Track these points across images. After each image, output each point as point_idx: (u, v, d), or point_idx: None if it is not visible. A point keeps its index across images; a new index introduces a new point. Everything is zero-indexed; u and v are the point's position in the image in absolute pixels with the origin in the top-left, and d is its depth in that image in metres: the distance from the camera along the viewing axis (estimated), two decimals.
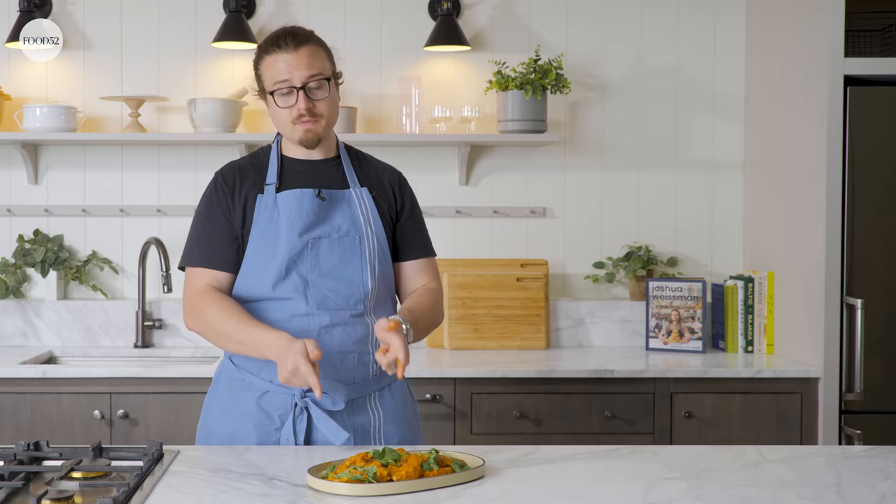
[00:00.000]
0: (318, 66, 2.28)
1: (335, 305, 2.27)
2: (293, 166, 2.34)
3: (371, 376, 2.31)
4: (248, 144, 3.83)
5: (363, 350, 2.29)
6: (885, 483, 1.94)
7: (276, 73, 2.27)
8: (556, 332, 3.94)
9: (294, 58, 2.25)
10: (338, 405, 2.24)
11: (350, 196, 2.33)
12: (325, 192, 2.31)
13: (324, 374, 2.24)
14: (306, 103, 2.26)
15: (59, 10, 3.91)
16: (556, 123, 3.99)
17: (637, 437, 3.39)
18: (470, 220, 4.01)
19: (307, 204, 2.28)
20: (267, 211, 2.28)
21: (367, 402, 2.31)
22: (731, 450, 2.21)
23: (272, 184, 2.30)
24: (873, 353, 3.34)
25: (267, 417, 2.26)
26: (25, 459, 2.01)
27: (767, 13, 3.82)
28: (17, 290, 3.85)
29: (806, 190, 3.47)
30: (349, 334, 2.27)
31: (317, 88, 2.28)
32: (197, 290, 2.30)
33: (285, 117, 2.28)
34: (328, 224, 2.29)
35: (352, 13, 3.94)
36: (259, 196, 2.29)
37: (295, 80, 2.25)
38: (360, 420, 2.29)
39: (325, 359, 2.24)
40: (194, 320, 2.29)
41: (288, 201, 2.28)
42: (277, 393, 2.27)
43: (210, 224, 2.31)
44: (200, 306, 2.27)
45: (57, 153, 3.94)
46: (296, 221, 2.27)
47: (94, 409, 3.32)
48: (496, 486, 1.90)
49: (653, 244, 4.03)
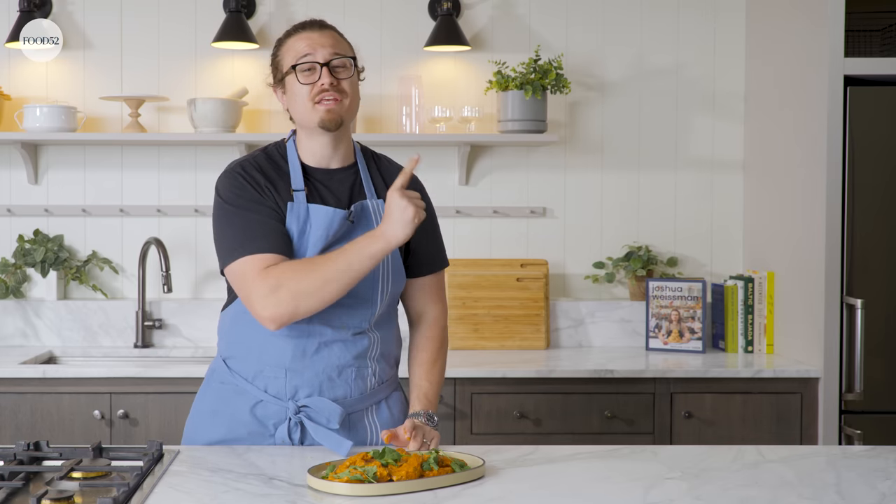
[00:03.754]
0: (342, 46, 2.19)
1: (339, 323, 2.20)
2: (313, 175, 2.22)
3: (368, 390, 2.26)
4: (248, 144, 3.83)
5: (362, 364, 2.24)
6: (885, 483, 1.94)
7: (299, 51, 2.16)
8: (555, 332, 3.94)
9: (318, 36, 2.17)
10: (332, 424, 2.19)
11: (368, 210, 2.22)
12: (355, 207, 2.20)
13: (319, 388, 2.20)
14: (330, 78, 2.14)
15: (59, 10, 3.91)
16: (556, 123, 3.99)
17: (637, 437, 3.39)
18: (470, 220, 4.01)
19: (336, 225, 2.16)
20: (300, 222, 2.16)
21: (363, 416, 2.26)
22: (731, 450, 2.21)
23: (301, 191, 2.17)
24: (873, 353, 3.34)
25: (261, 425, 2.22)
26: (25, 459, 2.01)
27: (767, 13, 3.82)
28: (17, 290, 3.85)
29: (806, 190, 3.47)
30: (349, 349, 2.21)
31: (340, 67, 2.17)
32: (259, 269, 2.08)
33: (306, 95, 2.15)
34: (347, 240, 2.16)
35: (352, 13, 3.94)
36: (290, 203, 2.16)
37: (318, 56, 2.15)
38: (357, 436, 2.25)
39: (322, 372, 2.20)
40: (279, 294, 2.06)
41: (319, 216, 2.16)
42: (271, 403, 2.21)
43: (256, 215, 2.12)
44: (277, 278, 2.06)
45: (57, 153, 3.94)
46: (320, 241, 2.15)
47: (94, 409, 3.32)
48: (496, 486, 1.90)
49: (653, 244, 4.04)
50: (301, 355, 2.19)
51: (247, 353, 2.23)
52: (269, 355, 2.20)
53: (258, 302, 2.08)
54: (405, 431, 2.10)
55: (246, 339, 2.23)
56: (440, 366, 2.34)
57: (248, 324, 2.21)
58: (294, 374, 2.20)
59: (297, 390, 2.20)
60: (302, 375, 2.20)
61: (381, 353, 2.28)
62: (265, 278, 2.07)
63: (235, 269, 2.12)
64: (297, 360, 2.19)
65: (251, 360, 2.23)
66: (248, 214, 2.13)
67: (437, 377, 2.32)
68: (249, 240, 2.10)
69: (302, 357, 2.19)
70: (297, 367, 2.19)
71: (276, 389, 2.21)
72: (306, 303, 2.08)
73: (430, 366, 2.32)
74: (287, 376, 2.20)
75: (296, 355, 2.19)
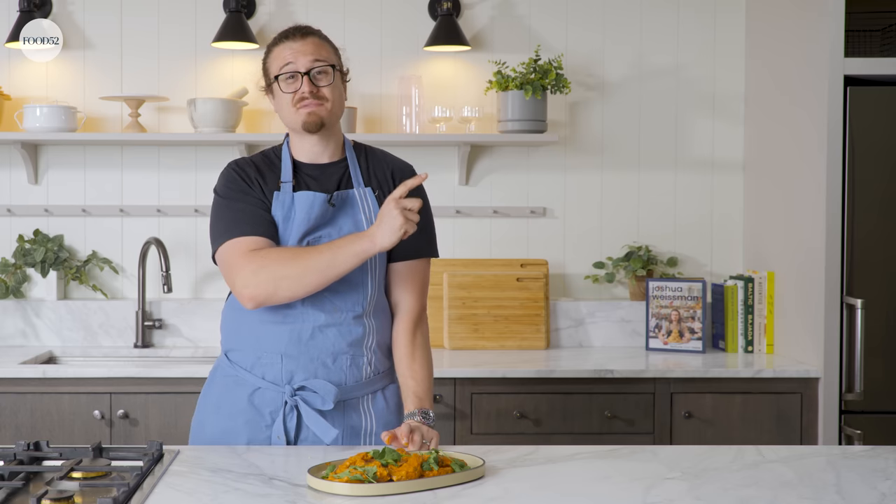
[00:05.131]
0: (322, 54, 2.32)
1: (332, 306, 2.28)
2: (303, 170, 2.35)
3: (364, 379, 2.32)
4: (248, 144, 3.83)
5: (357, 352, 2.30)
6: (885, 483, 1.94)
7: (282, 60, 2.31)
8: (556, 332, 3.94)
9: (300, 45, 2.31)
10: (327, 405, 2.25)
11: (354, 198, 2.33)
12: (336, 195, 2.31)
13: (314, 374, 2.27)
14: (310, 87, 2.28)
15: (59, 10, 3.91)
16: (556, 123, 3.99)
17: (637, 437, 3.39)
18: (470, 220, 4.01)
19: (317, 209, 2.28)
20: (284, 209, 2.29)
21: (359, 403, 2.32)
22: (731, 450, 2.21)
23: (288, 182, 2.31)
24: (873, 353, 3.34)
25: (258, 414, 2.28)
26: (25, 459, 2.01)
27: (767, 13, 3.82)
28: (17, 290, 3.85)
29: (806, 190, 3.47)
30: (344, 336, 2.28)
31: (321, 74, 2.30)
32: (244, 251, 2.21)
33: (289, 101, 2.30)
34: (331, 226, 2.30)
35: (352, 13, 3.94)
36: (276, 193, 2.30)
37: (299, 65, 2.29)
38: (351, 421, 2.30)
39: (317, 358, 2.27)
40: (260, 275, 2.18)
41: (301, 202, 2.29)
42: (268, 390, 2.28)
43: (244, 204, 2.28)
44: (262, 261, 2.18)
45: (57, 153, 3.94)
46: (302, 224, 2.28)
47: (94, 409, 3.32)
48: (496, 486, 1.90)
49: (653, 244, 4.03)
50: (297, 341, 2.27)
51: (245, 341, 2.32)
52: (266, 341, 2.29)
53: (240, 280, 2.21)
54: (402, 437, 2.12)
55: (244, 326, 2.32)
56: (420, 360, 2.35)
57: (246, 311, 2.30)
58: (290, 359, 2.28)
59: (292, 375, 2.28)
60: (297, 360, 2.27)
61: (377, 343, 2.34)
62: (250, 260, 2.20)
63: (223, 251, 2.26)
64: (293, 345, 2.27)
65: (249, 349, 2.31)
66: (236, 204, 2.28)
67: (421, 373, 2.33)
68: (236, 225, 2.25)
69: (297, 342, 2.27)
70: (292, 352, 2.27)
71: (273, 375, 2.29)
72: (286, 287, 2.19)
73: (410, 361, 2.35)
74: (283, 361, 2.28)
75: (291, 340, 2.27)
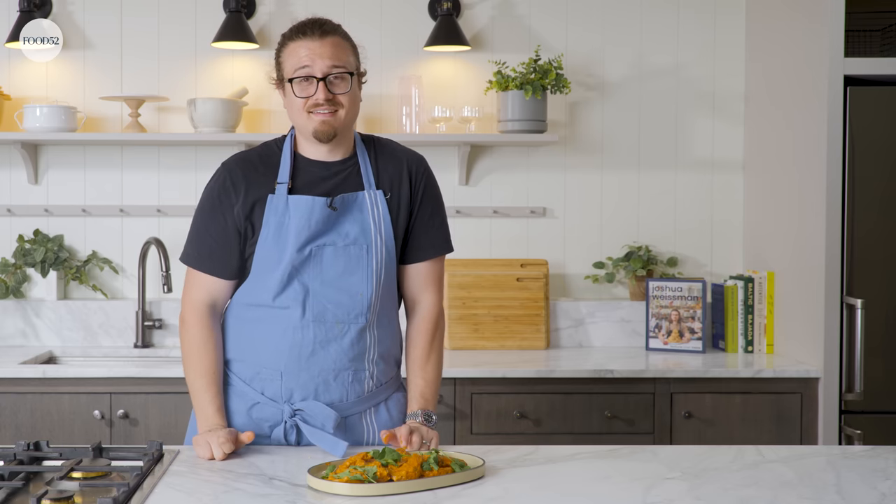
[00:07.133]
0: (341, 58, 2.18)
1: (334, 318, 2.19)
2: (307, 167, 2.22)
3: (366, 392, 2.25)
4: (248, 144, 3.83)
5: (359, 367, 2.23)
6: (885, 483, 1.94)
7: (298, 60, 2.16)
8: (555, 332, 3.94)
9: (318, 46, 2.16)
10: (327, 429, 2.19)
11: (363, 200, 2.21)
12: (338, 198, 2.20)
13: (314, 392, 2.21)
14: (325, 94, 2.15)
15: (59, 10, 3.91)
16: (556, 123, 3.99)
17: (637, 437, 3.39)
18: (470, 220, 4.01)
19: (317, 214, 2.17)
20: (277, 214, 2.18)
21: (361, 418, 2.26)
22: (731, 450, 2.21)
23: (284, 183, 2.19)
24: (873, 353, 3.34)
25: (257, 427, 2.22)
26: (25, 459, 2.01)
27: (767, 13, 3.82)
28: (17, 290, 3.85)
29: (806, 190, 3.47)
30: (345, 351, 2.21)
31: (338, 80, 2.17)
32: (193, 306, 2.26)
33: (301, 106, 2.17)
34: (335, 232, 2.19)
35: (352, 13, 3.94)
36: (270, 196, 2.18)
37: (316, 69, 2.15)
38: (354, 438, 2.24)
39: (317, 376, 2.20)
40: (180, 332, 2.29)
41: (299, 207, 2.17)
42: (267, 405, 2.22)
43: (213, 226, 2.22)
44: (189, 332, 2.26)
45: (57, 153, 3.94)
46: (303, 231, 2.17)
47: (94, 409, 3.32)
48: (496, 486, 1.90)
49: (653, 244, 4.03)
50: (297, 357, 2.20)
51: (245, 352, 2.25)
52: (266, 356, 2.22)
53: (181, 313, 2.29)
54: (401, 439, 2.10)
55: (243, 337, 2.25)
56: (434, 360, 2.32)
57: (246, 321, 2.24)
58: (289, 376, 2.21)
59: (292, 393, 2.21)
60: (297, 378, 2.20)
61: (379, 355, 2.27)
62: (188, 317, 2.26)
63: (187, 272, 2.30)
64: (293, 362, 2.20)
65: (249, 361, 2.24)
66: (212, 225, 2.24)
67: (432, 373, 2.30)
68: (202, 253, 2.26)
69: (297, 359, 2.20)
70: (292, 369, 2.20)
71: (272, 392, 2.22)
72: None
73: (424, 362, 2.31)
74: (283, 379, 2.21)
75: (291, 357, 2.20)
